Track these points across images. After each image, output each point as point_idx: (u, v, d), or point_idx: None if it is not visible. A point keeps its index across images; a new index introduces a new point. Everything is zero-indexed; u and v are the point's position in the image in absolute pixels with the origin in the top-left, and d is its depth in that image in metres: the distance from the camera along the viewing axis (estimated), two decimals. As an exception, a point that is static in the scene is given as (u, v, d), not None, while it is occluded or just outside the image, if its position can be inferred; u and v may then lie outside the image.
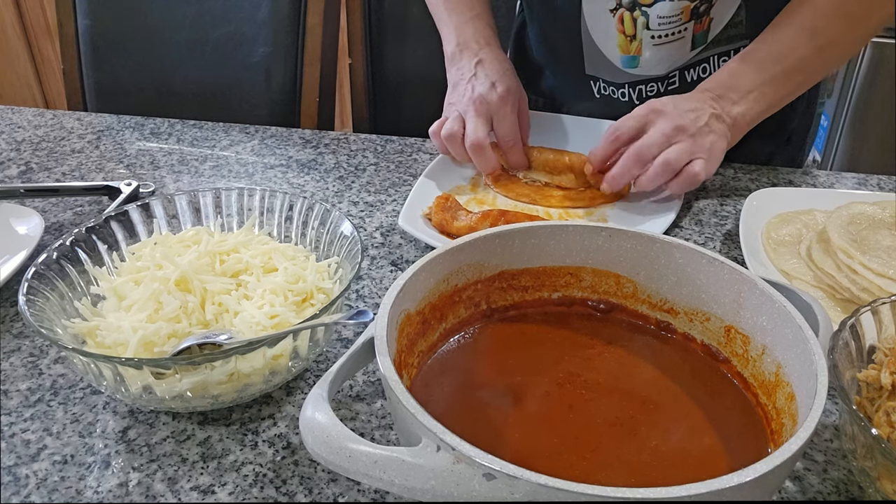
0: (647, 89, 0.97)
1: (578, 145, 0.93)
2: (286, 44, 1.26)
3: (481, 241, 0.55)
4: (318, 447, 0.39)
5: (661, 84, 0.96)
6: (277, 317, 0.57)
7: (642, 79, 0.96)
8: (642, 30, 0.90)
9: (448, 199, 0.80)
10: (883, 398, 0.50)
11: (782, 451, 0.37)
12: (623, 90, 0.98)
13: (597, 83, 1.00)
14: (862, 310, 0.52)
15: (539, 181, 0.90)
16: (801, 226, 0.77)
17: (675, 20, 0.89)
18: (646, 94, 0.97)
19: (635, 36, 0.91)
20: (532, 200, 0.87)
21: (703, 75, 0.94)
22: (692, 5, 0.87)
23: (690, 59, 0.93)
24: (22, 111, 1.13)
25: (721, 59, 0.93)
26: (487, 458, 0.36)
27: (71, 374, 0.61)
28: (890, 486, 0.46)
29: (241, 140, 1.04)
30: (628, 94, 0.98)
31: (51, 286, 0.59)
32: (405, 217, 0.79)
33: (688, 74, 0.95)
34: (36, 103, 2.56)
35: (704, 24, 0.90)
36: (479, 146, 0.85)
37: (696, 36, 0.91)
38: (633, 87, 0.97)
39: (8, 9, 2.37)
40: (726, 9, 0.89)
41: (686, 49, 0.92)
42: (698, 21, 0.89)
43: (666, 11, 0.88)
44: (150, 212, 0.68)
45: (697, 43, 0.91)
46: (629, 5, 0.89)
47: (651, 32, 0.90)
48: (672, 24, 0.89)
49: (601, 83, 0.99)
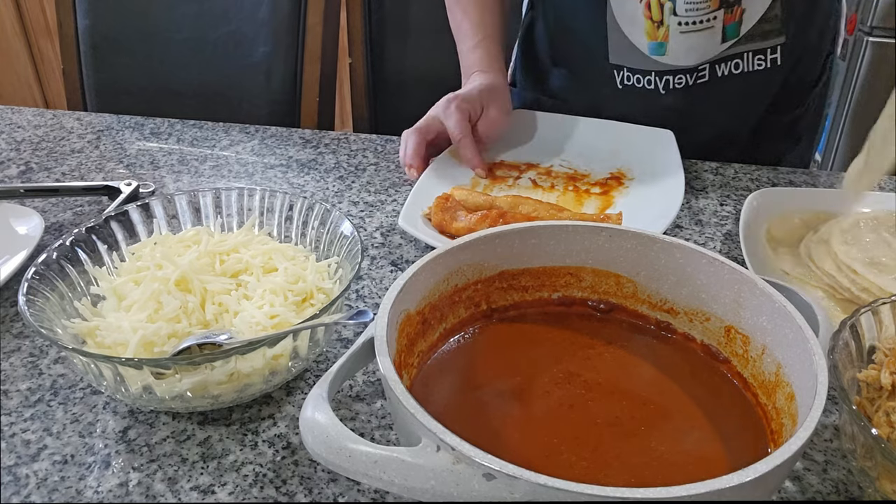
0: (675, 80, 0.95)
1: (591, 147, 0.93)
2: (286, 43, 1.26)
3: (481, 241, 0.55)
4: (317, 447, 0.39)
5: (689, 76, 0.94)
6: (277, 317, 0.57)
7: (670, 69, 0.94)
8: (669, 15, 0.89)
9: (448, 199, 0.80)
10: (883, 398, 0.50)
11: (782, 452, 0.37)
12: (650, 77, 0.96)
13: (621, 72, 0.98)
14: (862, 310, 0.52)
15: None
16: (802, 226, 0.77)
17: (703, 6, 0.87)
18: (673, 85, 0.95)
19: (662, 21, 0.90)
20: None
21: (734, 71, 0.92)
22: None
23: (721, 52, 0.91)
24: (22, 111, 1.13)
25: (756, 56, 0.91)
26: (487, 458, 0.36)
27: (71, 375, 0.61)
28: (890, 487, 0.46)
29: (241, 140, 1.04)
30: (654, 83, 0.96)
31: (51, 286, 0.59)
32: (405, 217, 0.79)
33: (718, 69, 0.93)
34: (36, 103, 2.56)
35: (736, 15, 0.88)
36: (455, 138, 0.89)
37: (727, 28, 0.89)
38: (661, 76, 0.95)
39: (8, 8, 2.37)
40: (759, 1, 0.87)
41: (716, 41, 0.90)
42: (728, 11, 0.88)
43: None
44: (150, 212, 0.68)
45: (728, 35, 0.89)
46: None
47: (678, 19, 0.88)
48: (700, 12, 0.87)
49: (626, 72, 0.97)
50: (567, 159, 0.95)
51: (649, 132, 0.94)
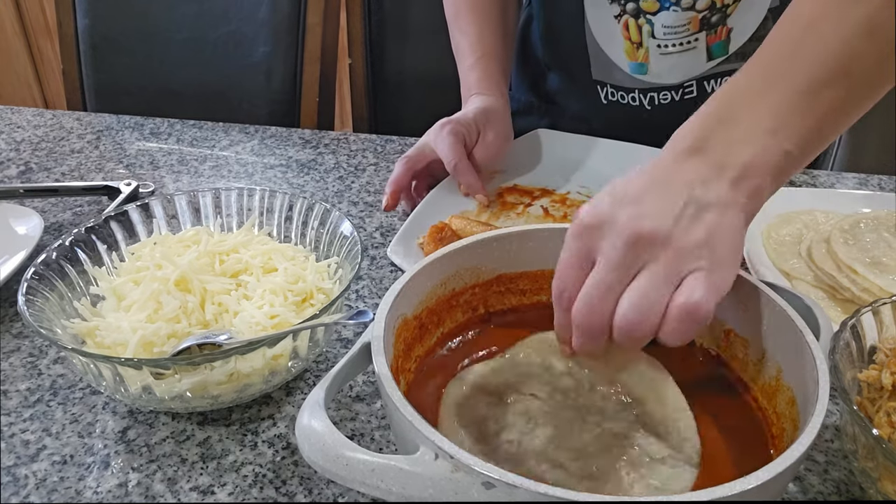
0: (659, 97, 0.91)
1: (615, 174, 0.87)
2: (286, 43, 1.26)
3: (479, 244, 0.55)
4: (314, 455, 0.39)
5: (675, 93, 0.91)
6: (277, 317, 0.57)
7: (654, 86, 0.91)
8: (648, 38, 0.86)
9: (443, 228, 0.75)
10: (884, 399, 0.50)
11: (784, 458, 0.37)
12: (633, 95, 0.93)
13: (604, 89, 0.95)
14: (863, 310, 0.52)
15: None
16: (802, 226, 0.77)
17: (683, 30, 0.84)
18: (658, 102, 0.92)
19: (641, 43, 0.87)
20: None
21: None
22: (700, 15, 0.83)
23: (710, 69, 0.88)
24: (21, 111, 1.13)
25: None
26: (486, 467, 0.36)
27: (70, 375, 0.61)
28: (891, 487, 0.46)
29: (240, 140, 1.04)
30: (639, 100, 0.93)
31: (50, 286, 0.59)
32: (395, 247, 0.74)
33: (708, 85, 0.90)
34: (35, 103, 2.55)
35: (721, 35, 0.85)
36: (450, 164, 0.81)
37: (713, 47, 0.86)
38: (645, 93, 0.92)
39: (7, 8, 2.37)
40: (749, 20, 0.84)
41: (701, 59, 0.87)
42: (712, 32, 0.85)
43: (671, 21, 0.84)
44: (149, 212, 0.68)
45: (716, 54, 0.87)
46: (633, 12, 0.86)
47: (657, 41, 0.86)
48: (679, 35, 0.85)
49: (609, 88, 0.95)
50: (586, 185, 0.87)
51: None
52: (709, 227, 0.44)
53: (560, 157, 0.92)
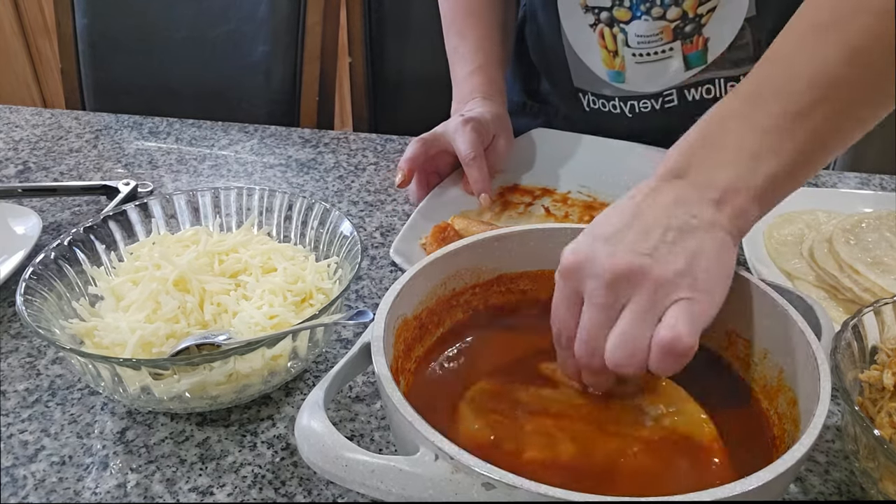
0: (640, 105, 0.92)
1: (617, 173, 0.86)
2: (286, 43, 1.26)
3: (479, 244, 0.55)
4: (314, 456, 0.39)
5: (655, 101, 0.91)
6: (276, 317, 0.57)
7: (633, 94, 0.91)
8: (623, 46, 0.87)
9: (446, 228, 0.75)
10: (885, 399, 0.49)
11: (786, 459, 0.37)
12: (614, 103, 0.93)
13: (585, 96, 0.95)
14: (864, 310, 0.52)
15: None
16: (804, 226, 0.77)
17: (656, 39, 0.85)
18: (639, 110, 0.92)
19: (617, 52, 0.88)
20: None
21: (706, 96, 0.88)
22: (672, 25, 0.83)
23: (689, 78, 0.88)
24: (20, 110, 1.12)
25: (729, 83, 0.87)
26: (486, 468, 0.36)
27: (69, 375, 0.61)
28: (892, 488, 0.46)
29: (240, 139, 1.04)
30: (620, 108, 0.93)
31: (49, 286, 0.58)
32: (398, 247, 0.74)
33: (688, 93, 0.89)
34: (34, 102, 2.55)
35: (698, 44, 0.84)
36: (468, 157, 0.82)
37: (690, 56, 0.86)
38: (625, 101, 0.92)
39: (6, 7, 2.37)
40: (725, 30, 0.83)
41: (678, 68, 0.87)
42: (687, 41, 0.85)
43: (643, 30, 0.84)
44: (148, 211, 0.68)
45: (693, 63, 0.86)
46: (607, 21, 0.86)
47: (632, 50, 0.86)
48: (652, 44, 0.85)
49: (590, 96, 0.95)
50: (587, 185, 0.87)
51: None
52: (689, 254, 0.44)
53: (560, 156, 0.92)
